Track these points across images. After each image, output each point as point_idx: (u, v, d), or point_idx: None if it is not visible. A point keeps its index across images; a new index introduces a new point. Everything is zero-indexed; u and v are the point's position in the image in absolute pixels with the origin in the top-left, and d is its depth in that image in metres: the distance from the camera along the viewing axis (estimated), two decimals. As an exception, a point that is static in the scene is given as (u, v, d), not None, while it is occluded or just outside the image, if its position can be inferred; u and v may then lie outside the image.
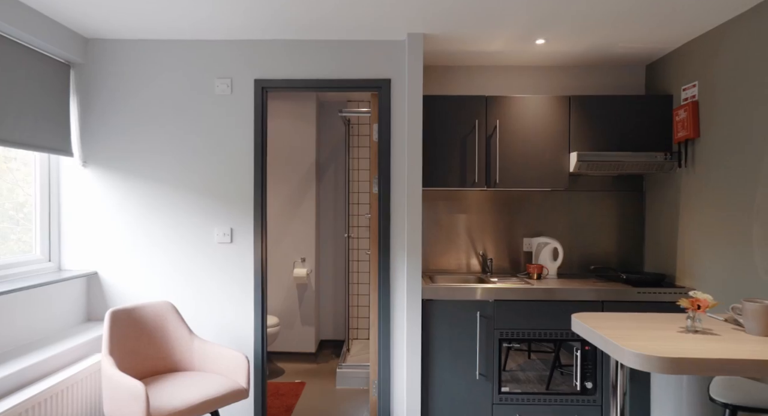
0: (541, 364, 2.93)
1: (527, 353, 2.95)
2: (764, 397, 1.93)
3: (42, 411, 2.09)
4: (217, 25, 2.71)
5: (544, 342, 2.90)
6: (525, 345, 2.92)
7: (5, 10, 2.29)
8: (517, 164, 3.12)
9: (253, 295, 2.97)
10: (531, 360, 2.95)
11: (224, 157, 2.96)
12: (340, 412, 3.34)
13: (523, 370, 2.93)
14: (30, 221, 2.79)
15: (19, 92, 2.47)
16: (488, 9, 2.47)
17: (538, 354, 2.93)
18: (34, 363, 2.22)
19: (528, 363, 2.93)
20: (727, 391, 1.95)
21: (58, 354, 2.37)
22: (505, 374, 2.90)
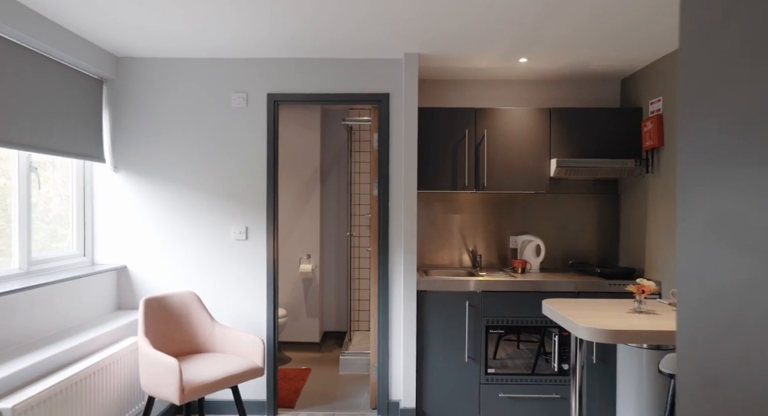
0: (528, 353, 3.27)
1: (516, 343, 3.29)
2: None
3: (91, 383, 2.44)
4: (236, 45, 3.06)
5: (526, 328, 3.24)
6: (514, 336, 3.26)
7: (49, 33, 2.63)
8: (503, 169, 3.47)
9: (266, 287, 3.32)
10: (519, 349, 3.29)
11: (240, 163, 3.30)
12: (343, 393, 3.68)
13: (512, 359, 3.28)
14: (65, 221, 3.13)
15: (60, 106, 2.81)
16: (476, 34, 2.82)
17: (526, 344, 3.27)
18: (79, 344, 2.56)
19: (516, 352, 3.27)
20: (672, 364, 2.31)
21: (98, 336, 2.71)
22: (496, 361, 3.24)
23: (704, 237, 0.80)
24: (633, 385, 2.63)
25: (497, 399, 3.22)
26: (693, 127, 0.90)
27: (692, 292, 0.82)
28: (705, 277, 0.80)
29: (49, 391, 2.11)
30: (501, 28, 2.72)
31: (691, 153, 0.85)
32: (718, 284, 0.78)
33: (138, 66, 3.30)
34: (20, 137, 2.50)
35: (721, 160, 0.77)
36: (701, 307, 0.82)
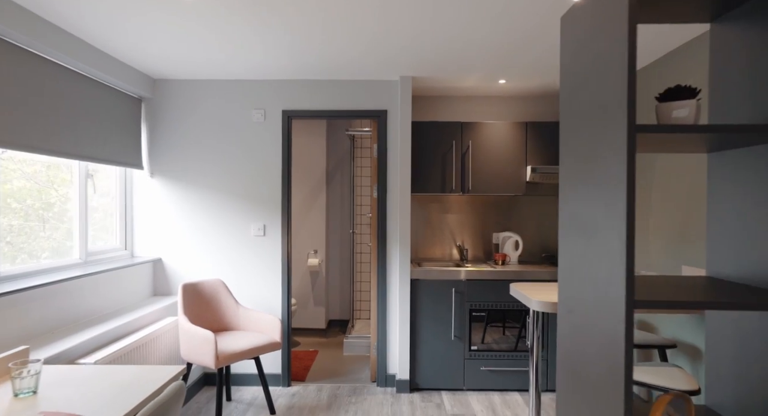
0: (513, 338, 3.79)
1: (502, 329, 3.82)
2: (644, 339, 2.83)
3: (143, 351, 2.98)
4: (257, 69, 3.60)
5: (503, 311, 3.78)
6: (500, 323, 3.78)
7: (97, 60, 3.16)
8: (486, 174, 4.00)
9: (280, 278, 3.85)
10: (505, 335, 3.83)
11: (259, 169, 3.84)
12: (347, 370, 4.22)
13: (497, 343, 3.81)
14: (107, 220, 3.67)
15: (108, 122, 3.35)
16: (460, 61, 3.36)
17: (511, 330, 3.79)
18: (130, 321, 3.09)
19: (502, 338, 3.80)
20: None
21: (143, 315, 3.25)
22: (483, 345, 3.77)
23: (568, 227, 1.35)
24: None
25: (479, 372, 3.76)
26: (564, 161, 1.51)
27: (565, 262, 1.37)
28: (570, 251, 1.35)
29: (115, 354, 2.65)
30: (481, 57, 3.25)
31: (563, 176, 1.40)
32: (574, 255, 1.33)
33: (171, 86, 3.84)
34: (82, 150, 3.04)
35: (573, 181, 1.32)
36: (569, 270, 1.38)
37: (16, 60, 2.51)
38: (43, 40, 2.60)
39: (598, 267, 1.15)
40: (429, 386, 3.78)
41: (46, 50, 2.66)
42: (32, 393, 1.63)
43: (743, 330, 1.25)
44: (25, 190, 2.76)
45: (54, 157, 2.80)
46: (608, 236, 1.10)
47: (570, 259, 1.33)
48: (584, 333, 1.24)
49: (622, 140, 1.04)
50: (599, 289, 1.14)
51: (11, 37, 2.43)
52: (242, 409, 3.40)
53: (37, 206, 2.83)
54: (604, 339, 1.12)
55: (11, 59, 2.47)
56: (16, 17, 2.40)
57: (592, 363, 1.18)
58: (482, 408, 3.47)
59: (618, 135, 1.06)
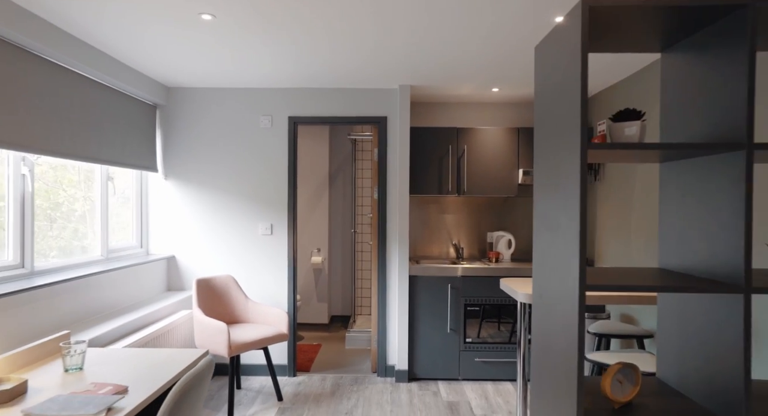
0: (507, 333, 4.03)
1: (497, 324, 4.06)
2: (611, 328, 3.08)
3: (162, 340, 3.22)
4: (265, 78, 3.84)
5: (496, 306, 4.02)
6: (495, 319, 4.02)
7: (117, 71, 3.40)
8: (480, 177, 4.25)
9: (286, 274, 4.10)
10: (500, 331, 4.07)
11: (266, 172, 4.08)
12: (349, 362, 4.47)
13: (492, 337, 4.05)
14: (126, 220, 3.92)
15: (124, 127, 3.59)
16: (455, 72, 3.60)
17: (505, 326, 4.03)
18: (148, 313, 3.33)
19: (497, 333, 4.04)
20: (594, 326, 3.11)
21: (159, 308, 3.49)
22: (477, 338, 4.00)
23: (539, 225, 1.59)
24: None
25: (473, 363, 4.00)
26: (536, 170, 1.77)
27: (537, 255, 1.61)
28: (540, 245, 1.60)
29: (137, 343, 2.89)
30: (474, 69, 3.49)
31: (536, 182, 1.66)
32: (543, 248, 1.58)
33: (184, 94, 4.08)
34: (105, 155, 3.29)
35: (543, 187, 1.56)
36: (540, 262, 1.62)
37: (49, 73, 2.75)
38: (71, 54, 2.85)
39: (560, 258, 1.40)
40: (426, 376, 4.02)
41: (73, 63, 2.90)
42: (79, 369, 1.87)
43: (685, 313, 1.50)
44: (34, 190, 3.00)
45: (81, 161, 3.04)
46: (567, 232, 1.35)
47: (541, 252, 1.58)
48: (551, 314, 1.48)
49: (576, 155, 1.29)
50: (561, 276, 1.39)
51: (44, 52, 2.67)
52: (252, 396, 3.65)
53: (45, 206, 3.05)
54: (564, 320, 1.37)
55: (44, 72, 2.71)
56: (48, 34, 2.64)
57: (556, 341, 1.42)
58: (476, 396, 3.71)
59: (573, 150, 1.31)
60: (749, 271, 1.24)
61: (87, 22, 2.64)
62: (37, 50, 2.63)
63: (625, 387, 1.41)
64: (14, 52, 2.49)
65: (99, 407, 1.45)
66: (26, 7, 2.45)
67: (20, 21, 2.43)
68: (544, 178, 1.56)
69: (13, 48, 2.48)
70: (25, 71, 2.57)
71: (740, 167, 1.26)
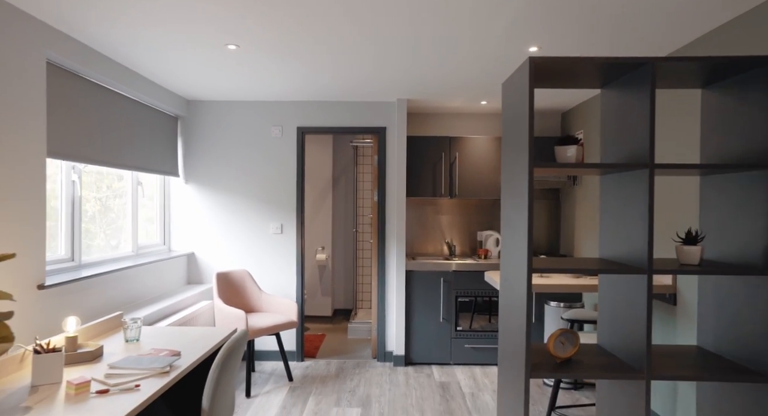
0: (496, 324, 4.46)
1: (488, 318, 4.50)
2: (583, 315, 3.52)
3: (188, 325, 3.66)
4: (277, 92, 4.28)
5: (484, 297, 4.45)
6: (487, 312, 4.46)
7: (144, 87, 3.83)
8: (470, 181, 4.68)
9: (295, 269, 4.53)
10: (490, 323, 4.50)
11: (277, 176, 4.52)
12: (351, 349, 4.91)
13: (482, 327, 4.48)
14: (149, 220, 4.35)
15: (150, 136, 4.02)
16: (445, 88, 4.04)
17: (496, 318, 4.47)
18: (174, 302, 3.77)
19: (488, 325, 4.47)
20: (568, 314, 3.55)
21: (183, 299, 3.93)
22: (467, 326, 4.44)
23: (505, 225, 2.03)
24: (552, 328, 3.85)
25: (464, 349, 4.44)
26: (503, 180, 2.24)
27: (504, 248, 2.05)
28: (506, 240, 2.04)
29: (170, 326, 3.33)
30: (462, 86, 3.93)
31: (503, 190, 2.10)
32: (507, 243, 2.02)
33: (203, 106, 4.52)
34: (136, 162, 3.73)
35: (506, 194, 2.00)
36: (506, 253, 2.07)
37: (92, 93, 3.19)
38: (109, 74, 3.29)
39: (517, 249, 1.84)
40: (421, 360, 4.46)
41: (111, 82, 3.34)
42: (137, 341, 2.30)
43: (616, 292, 1.93)
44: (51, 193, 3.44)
45: (117, 168, 3.48)
46: (521, 230, 1.79)
47: (506, 246, 2.02)
48: (512, 293, 1.92)
49: (525, 170, 1.73)
50: (518, 263, 1.83)
51: (89, 75, 3.11)
52: (265, 377, 4.09)
53: (86, 207, 3.48)
54: (520, 295, 1.80)
55: (89, 92, 3.15)
56: (92, 59, 3.08)
57: (515, 312, 1.86)
58: (465, 377, 4.15)
59: (524, 167, 1.75)
60: (651, 259, 1.68)
61: (124, 47, 3.07)
62: (84, 73, 3.06)
63: (566, 347, 1.85)
64: (68, 77, 2.92)
65: (163, 363, 1.88)
66: (76, 37, 2.88)
67: (73, 51, 2.87)
68: (507, 188, 2.00)
69: (68, 74, 2.91)
70: (76, 93, 3.00)
71: (646, 181, 1.70)
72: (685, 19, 2.48)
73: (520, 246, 1.80)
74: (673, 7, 2.35)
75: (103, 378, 1.77)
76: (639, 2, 2.30)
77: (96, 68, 3.09)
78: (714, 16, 2.44)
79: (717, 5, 2.32)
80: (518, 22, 2.56)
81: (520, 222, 1.79)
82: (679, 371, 1.75)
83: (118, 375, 1.80)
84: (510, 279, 1.93)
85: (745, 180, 1.80)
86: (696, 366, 1.80)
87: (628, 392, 1.80)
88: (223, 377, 1.89)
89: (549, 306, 3.96)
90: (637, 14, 2.44)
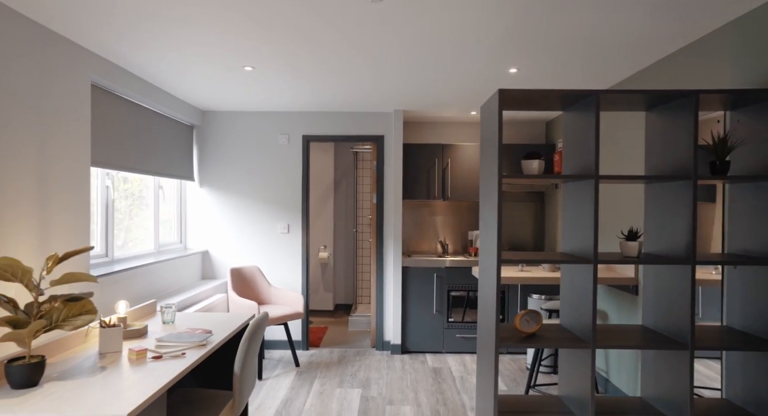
0: None
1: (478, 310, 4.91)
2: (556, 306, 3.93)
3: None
4: (285, 104, 4.69)
5: (474, 291, 4.86)
6: (476, 305, 4.85)
7: (165, 100, 4.23)
8: (462, 185, 5.09)
9: (301, 265, 4.94)
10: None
11: (284, 180, 4.93)
12: (352, 340, 5.32)
13: (473, 321, 4.89)
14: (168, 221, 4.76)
15: (169, 144, 4.42)
16: (436, 101, 4.45)
17: None
18: (189, 296, 4.16)
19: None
20: (548, 304, 3.96)
21: (197, 293, 4.33)
22: (459, 318, 4.85)
23: (482, 224, 2.45)
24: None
25: (455, 338, 4.86)
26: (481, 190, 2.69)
27: (482, 244, 2.46)
28: (483, 238, 2.45)
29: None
30: (452, 100, 4.35)
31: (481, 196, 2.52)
32: (484, 240, 2.43)
33: (216, 116, 4.93)
34: (157, 168, 4.13)
35: (483, 199, 2.42)
36: (483, 249, 2.50)
37: (123, 107, 3.60)
38: (136, 89, 3.69)
39: (490, 244, 2.25)
40: (416, 349, 4.87)
41: (137, 97, 3.75)
42: (172, 323, 2.71)
43: (572, 279, 2.35)
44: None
45: (143, 174, 3.88)
46: (492, 229, 2.20)
47: (483, 243, 2.43)
48: (487, 281, 2.33)
49: (495, 180, 2.14)
50: (490, 257, 2.24)
51: (120, 91, 3.52)
52: (274, 363, 4.49)
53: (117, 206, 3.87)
54: (492, 286, 2.21)
55: (120, 107, 3.56)
56: (122, 77, 3.49)
57: (488, 296, 2.27)
58: (456, 363, 4.56)
59: (494, 177, 2.16)
60: (596, 251, 2.10)
61: (151, 67, 3.48)
62: (117, 91, 3.47)
63: (531, 324, 2.26)
64: (106, 95, 3.33)
65: (200, 338, 2.29)
66: (112, 60, 3.29)
67: (111, 72, 3.28)
68: (483, 195, 2.41)
69: (106, 93, 3.32)
70: (112, 108, 3.41)
71: (592, 189, 2.12)
72: (644, 45, 2.90)
73: (492, 241, 2.21)
74: (634, 37, 2.77)
75: (154, 349, 2.18)
76: (602, 34, 2.72)
77: (126, 85, 3.50)
78: (665, 45, 2.86)
79: (667, 37, 2.74)
80: (499, 48, 2.97)
81: (492, 222, 2.21)
82: (620, 342, 2.16)
83: (166, 346, 2.21)
84: (485, 269, 2.35)
85: (674, 188, 2.22)
86: (634, 338, 2.22)
87: (581, 358, 2.22)
88: (251, 348, 2.30)
89: (532, 298, 4.37)
90: (601, 43, 2.86)
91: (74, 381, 1.80)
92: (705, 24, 2.53)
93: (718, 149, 2.18)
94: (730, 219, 2.39)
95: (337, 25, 2.60)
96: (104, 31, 2.71)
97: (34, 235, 2.51)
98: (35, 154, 2.54)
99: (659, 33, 2.67)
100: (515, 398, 2.44)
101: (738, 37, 2.42)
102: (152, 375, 1.87)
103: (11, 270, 1.62)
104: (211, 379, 2.82)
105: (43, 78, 2.60)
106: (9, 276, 1.63)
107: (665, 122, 2.30)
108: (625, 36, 2.72)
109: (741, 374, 2.28)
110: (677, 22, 2.50)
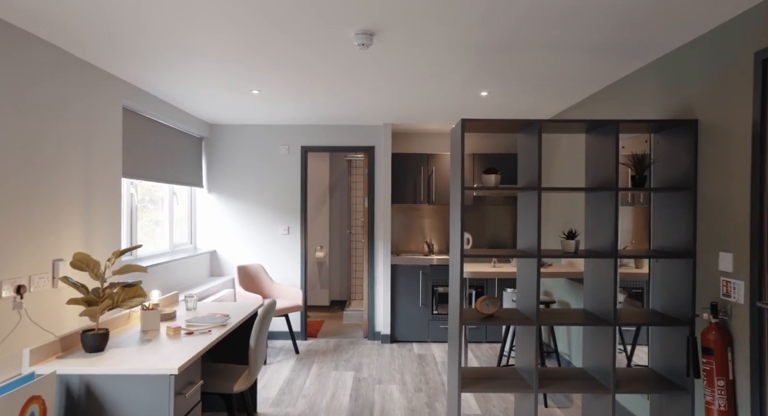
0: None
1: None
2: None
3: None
4: (286, 118, 5.22)
5: (456, 287, 5.40)
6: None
7: (178, 115, 4.75)
8: (445, 190, 5.63)
9: (300, 264, 5.46)
10: None
11: (284, 187, 5.45)
12: (346, 331, 5.84)
13: None
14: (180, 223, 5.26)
15: (180, 155, 4.94)
16: (424, 115, 4.99)
17: None
18: (201, 291, 4.67)
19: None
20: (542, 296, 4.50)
21: (207, 288, 4.84)
22: (442, 311, 5.37)
23: (451, 227, 2.99)
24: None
25: (439, 329, 5.39)
26: (450, 199, 3.24)
27: (452, 242, 3.00)
28: (453, 237, 2.99)
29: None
30: (437, 113, 4.89)
31: (451, 204, 3.07)
32: (454, 239, 2.98)
33: (223, 129, 5.45)
34: (172, 176, 4.65)
35: (452, 206, 2.96)
36: (453, 245, 3.04)
37: (145, 124, 4.11)
38: (154, 107, 4.21)
39: (455, 242, 2.78)
40: (404, 339, 5.40)
41: (155, 114, 4.27)
42: (194, 309, 3.22)
43: (524, 271, 2.88)
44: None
45: (161, 182, 4.40)
46: (456, 229, 2.74)
47: (454, 241, 2.96)
48: (454, 275, 2.86)
49: (458, 190, 2.68)
50: (455, 252, 2.77)
51: (143, 111, 4.04)
52: (275, 351, 5.01)
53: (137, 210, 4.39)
54: (457, 279, 2.74)
55: (142, 124, 4.07)
56: (143, 98, 4.01)
57: (456, 288, 2.80)
58: (439, 351, 5.09)
59: (458, 188, 2.70)
60: (539, 248, 2.64)
61: (168, 89, 3.99)
62: (140, 111, 3.99)
63: (490, 307, 2.80)
64: (133, 116, 3.85)
65: (221, 320, 2.81)
66: (138, 85, 3.81)
67: (136, 96, 3.80)
68: (452, 202, 2.94)
69: (132, 114, 3.83)
70: (137, 126, 3.93)
71: (536, 199, 2.66)
72: (588, 77, 3.45)
73: (457, 240, 2.75)
74: (579, 71, 3.32)
75: (186, 327, 2.70)
76: (552, 68, 3.26)
77: (148, 105, 4.02)
78: (602, 78, 3.42)
79: (604, 72, 3.29)
80: (470, 78, 3.52)
81: (457, 224, 2.74)
82: (560, 320, 2.70)
83: (194, 326, 2.73)
84: (454, 263, 2.88)
85: (603, 197, 2.76)
86: (573, 318, 2.76)
87: (531, 334, 2.76)
88: (263, 327, 2.82)
89: (506, 292, 4.91)
90: (551, 76, 3.41)
91: (129, 348, 2.32)
92: (631, 64, 3.08)
93: (637, 166, 2.73)
94: (653, 221, 2.94)
95: (335, 60, 3.13)
96: (134, 62, 3.23)
97: (81, 232, 3.03)
98: (81, 167, 3.06)
99: (597, 69, 3.22)
100: (477, 369, 2.97)
101: (659, 73, 2.98)
102: (188, 345, 2.39)
103: (85, 262, 2.14)
104: (226, 359, 3.35)
105: (87, 106, 3.12)
106: (83, 267, 2.14)
107: (598, 143, 2.84)
108: (572, 70, 3.27)
109: (659, 347, 2.83)
110: (612, 61, 3.06)
